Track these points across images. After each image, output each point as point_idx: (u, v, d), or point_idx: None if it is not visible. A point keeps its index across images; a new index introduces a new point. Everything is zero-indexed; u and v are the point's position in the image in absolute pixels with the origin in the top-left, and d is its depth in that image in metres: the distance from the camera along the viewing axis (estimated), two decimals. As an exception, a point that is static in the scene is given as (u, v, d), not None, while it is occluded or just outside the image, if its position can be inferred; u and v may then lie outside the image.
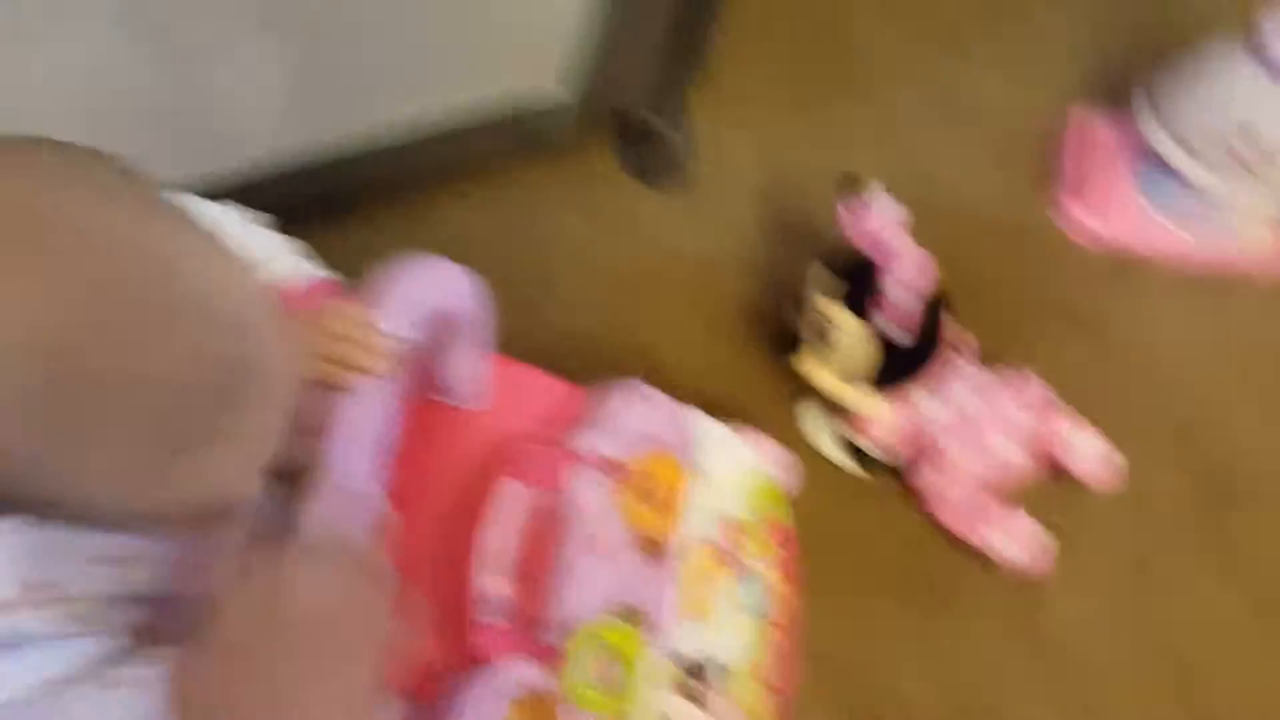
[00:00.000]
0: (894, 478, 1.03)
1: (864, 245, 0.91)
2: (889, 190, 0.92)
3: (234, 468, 0.40)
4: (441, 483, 0.67)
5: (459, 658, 0.62)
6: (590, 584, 0.66)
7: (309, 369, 0.52)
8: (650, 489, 0.72)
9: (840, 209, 0.92)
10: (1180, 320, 1.15)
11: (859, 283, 0.94)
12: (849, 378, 0.97)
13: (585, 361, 0.85)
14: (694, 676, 0.73)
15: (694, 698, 0.73)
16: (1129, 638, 1.01)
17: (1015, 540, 0.99)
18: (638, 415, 0.73)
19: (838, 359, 0.98)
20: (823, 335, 0.98)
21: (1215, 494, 1.07)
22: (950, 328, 0.98)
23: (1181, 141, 1.08)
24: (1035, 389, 1.01)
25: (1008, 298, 1.13)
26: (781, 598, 0.83)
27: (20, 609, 0.44)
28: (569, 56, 0.94)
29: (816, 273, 0.97)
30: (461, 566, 0.64)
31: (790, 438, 1.00)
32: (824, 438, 1.05)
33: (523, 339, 0.69)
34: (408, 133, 0.96)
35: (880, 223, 0.90)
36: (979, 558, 1.00)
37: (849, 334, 0.95)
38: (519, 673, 0.61)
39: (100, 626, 0.47)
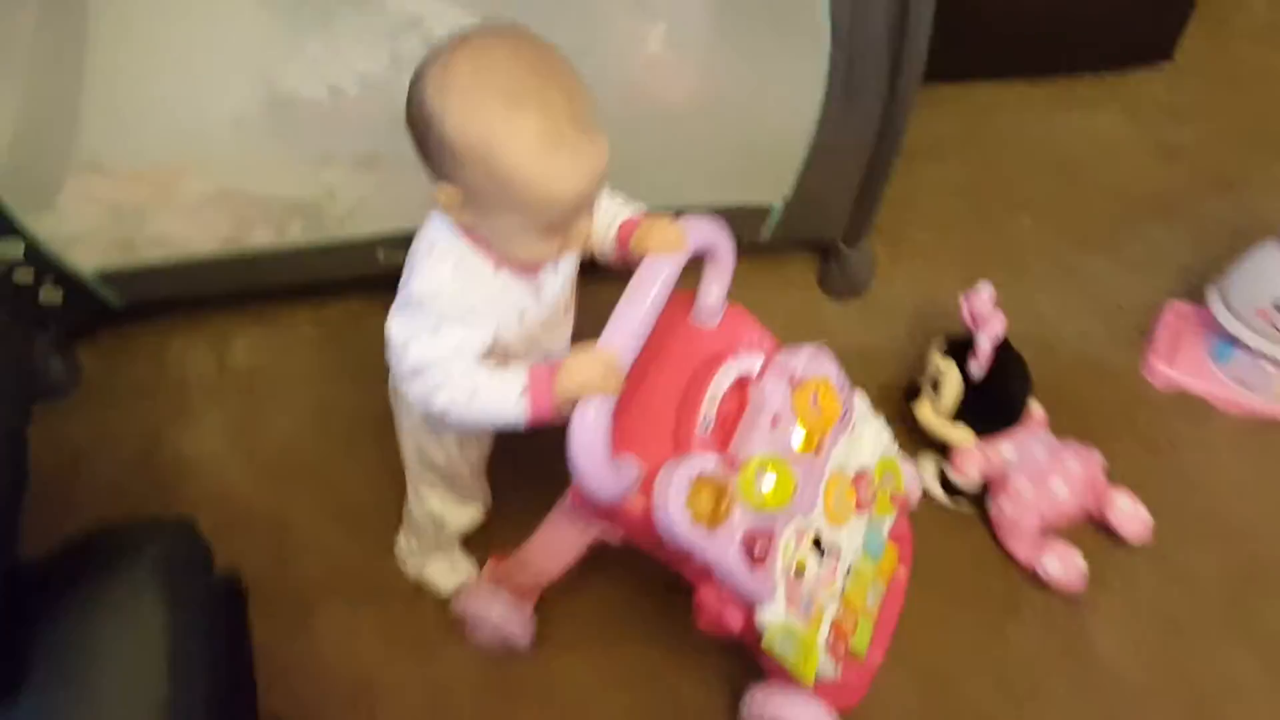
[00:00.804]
0: (975, 508, 1.41)
1: (968, 319, 1.35)
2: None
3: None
4: (683, 362, 1.10)
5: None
6: (762, 440, 1.04)
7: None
8: (816, 399, 1.09)
9: (961, 300, 1.37)
10: (1232, 453, 1.48)
11: (965, 352, 1.37)
12: (950, 417, 1.38)
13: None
14: (821, 549, 1.09)
15: (822, 554, 1.09)
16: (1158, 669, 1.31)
17: (1066, 566, 1.33)
18: (817, 358, 1.12)
19: (942, 403, 1.39)
20: (935, 384, 1.40)
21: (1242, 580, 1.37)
22: (1029, 400, 1.38)
23: (1238, 315, 1.45)
24: (1095, 457, 1.38)
25: (1093, 418, 1.49)
26: (890, 557, 1.18)
27: None
28: (789, 182, 1.45)
29: (938, 342, 1.40)
30: (689, 406, 1.06)
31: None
32: (928, 473, 1.44)
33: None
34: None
35: (981, 304, 1.34)
36: (1036, 580, 1.35)
37: (951, 380, 1.37)
38: (703, 462, 1.00)
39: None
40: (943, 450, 1.42)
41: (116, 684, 0.79)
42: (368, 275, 1.55)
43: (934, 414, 1.41)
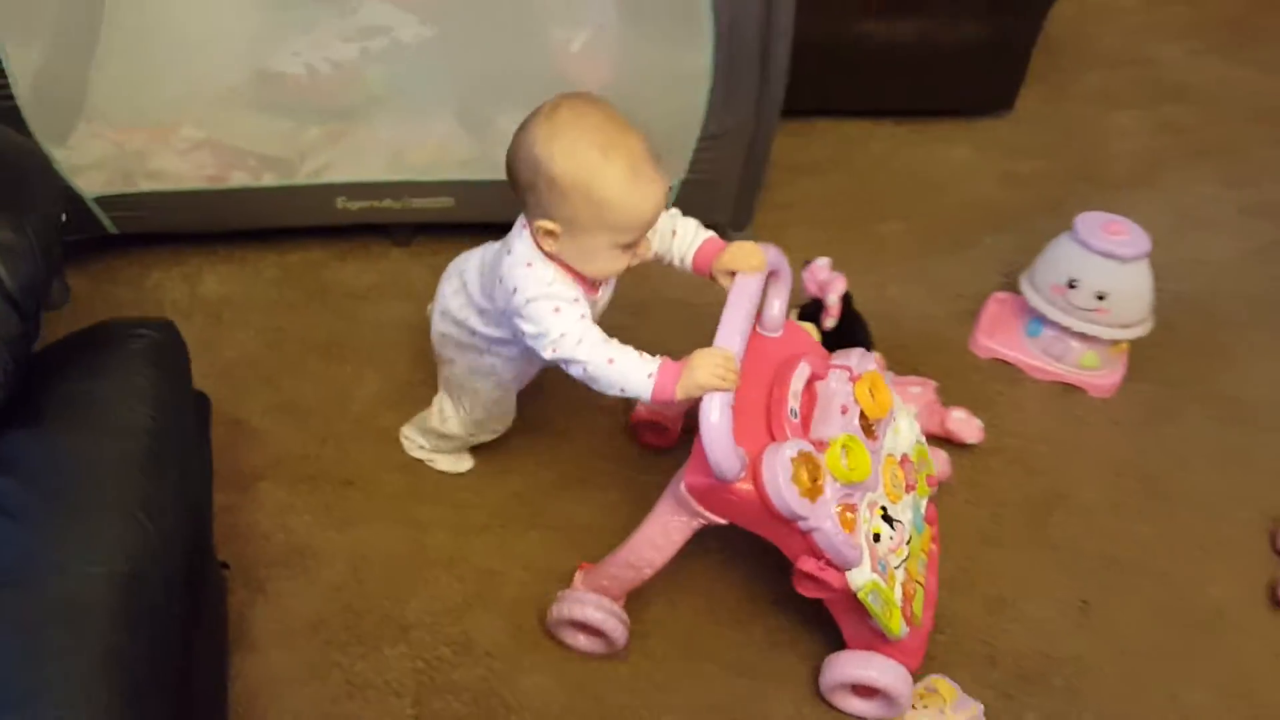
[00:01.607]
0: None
1: (813, 286, 1.66)
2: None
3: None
4: (761, 364, 1.29)
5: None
6: (837, 424, 1.26)
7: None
8: (872, 392, 1.31)
9: (803, 274, 1.67)
10: (1038, 410, 1.79)
11: (818, 314, 1.68)
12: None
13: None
14: (889, 521, 1.28)
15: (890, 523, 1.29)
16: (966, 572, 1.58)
17: None
18: (866, 358, 1.37)
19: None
20: (798, 340, 1.70)
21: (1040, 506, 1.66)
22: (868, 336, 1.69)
23: (1039, 291, 1.78)
24: (930, 384, 1.68)
25: (928, 376, 1.80)
26: (928, 533, 1.39)
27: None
28: (685, 161, 1.76)
29: (794, 312, 1.71)
30: (778, 399, 1.25)
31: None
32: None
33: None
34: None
35: (821, 271, 1.65)
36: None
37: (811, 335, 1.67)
38: (800, 443, 1.20)
39: None
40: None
41: (111, 422, 1.03)
42: (327, 224, 1.82)
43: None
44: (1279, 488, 1.67)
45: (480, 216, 1.74)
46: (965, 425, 1.69)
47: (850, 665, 1.33)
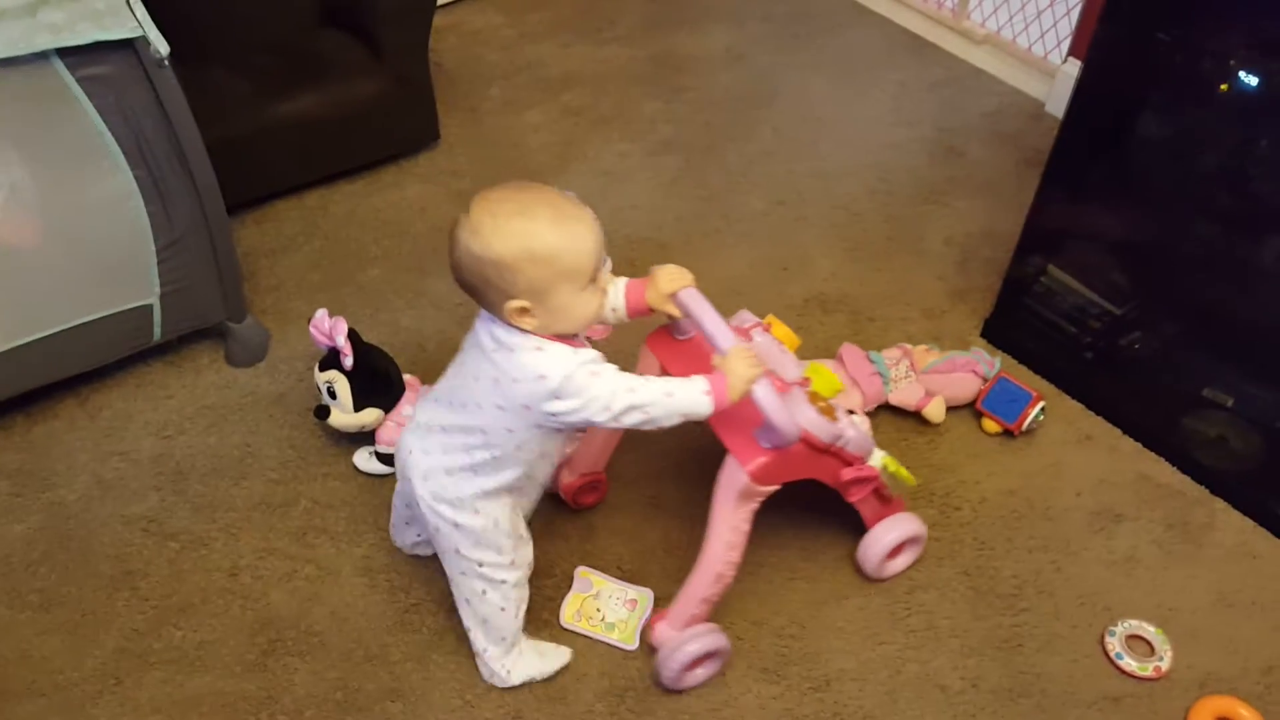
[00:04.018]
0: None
1: (320, 337, 1.78)
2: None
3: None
4: (700, 362, 1.44)
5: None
6: (791, 361, 1.50)
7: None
8: (776, 329, 1.55)
9: (310, 330, 1.80)
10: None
11: (336, 360, 1.80)
12: (355, 410, 1.80)
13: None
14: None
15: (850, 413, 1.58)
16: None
17: None
18: (746, 314, 1.59)
19: (344, 403, 1.80)
20: (332, 394, 1.81)
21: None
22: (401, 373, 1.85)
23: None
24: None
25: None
26: None
27: None
28: (155, 281, 1.80)
29: (314, 367, 1.83)
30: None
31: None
32: (361, 459, 1.84)
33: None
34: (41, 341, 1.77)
35: (322, 321, 1.78)
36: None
37: (339, 382, 1.79)
38: (799, 389, 1.45)
39: None
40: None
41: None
42: None
43: (344, 416, 1.82)
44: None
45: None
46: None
47: (885, 536, 1.63)
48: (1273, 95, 1.60)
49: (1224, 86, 1.66)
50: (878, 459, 1.57)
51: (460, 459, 1.37)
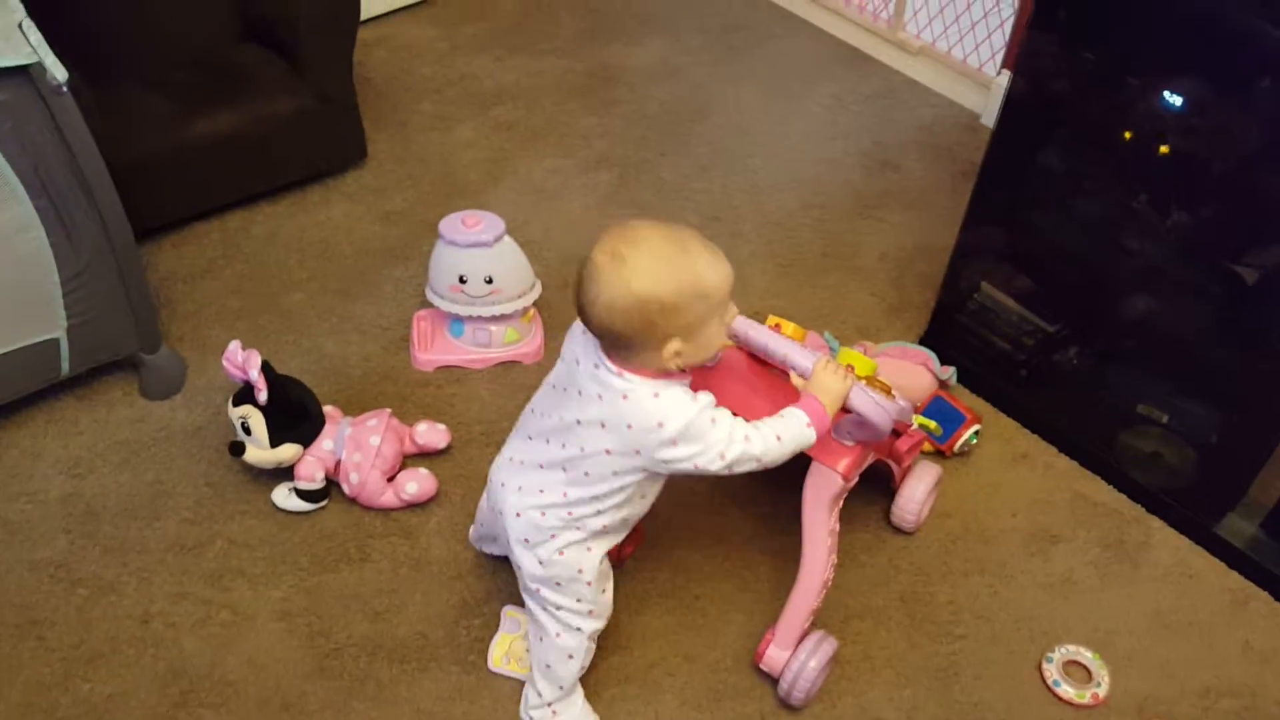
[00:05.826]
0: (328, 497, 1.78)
1: (234, 371, 1.71)
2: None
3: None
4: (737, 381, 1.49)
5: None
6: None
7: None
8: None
9: (223, 364, 1.73)
10: (488, 392, 2.01)
11: (251, 395, 1.73)
12: (272, 445, 1.73)
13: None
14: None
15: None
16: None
17: (421, 481, 1.78)
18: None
19: (259, 439, 1.73)
20: (247, 430, 1.74)
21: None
22: (319, 404, 1.78)
23: (443, 296, 1.99)
24: (384, 412, 1.81)
25: (388, 405, 1.94)
26: None
27: None
28: (61, 314, 1.72)
29: (228, 403, 1.76)
30: (774, 385, 1.51)
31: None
32: (280, 496, 1.77)
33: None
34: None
35: (235, 354, 1.71)
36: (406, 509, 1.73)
37: (253, 417, 1.72)
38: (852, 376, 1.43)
39: None
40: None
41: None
42: None
43: (260, 452, 1.75)
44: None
45: None
46: (431, 434, 1.86)
47: (917, 479, 1.73)
48: (1193, 113, 1.59)
49: (1145, 104, 1.65)
50: (916, 419, 1.70)
51: (557, 497, 1.34)
